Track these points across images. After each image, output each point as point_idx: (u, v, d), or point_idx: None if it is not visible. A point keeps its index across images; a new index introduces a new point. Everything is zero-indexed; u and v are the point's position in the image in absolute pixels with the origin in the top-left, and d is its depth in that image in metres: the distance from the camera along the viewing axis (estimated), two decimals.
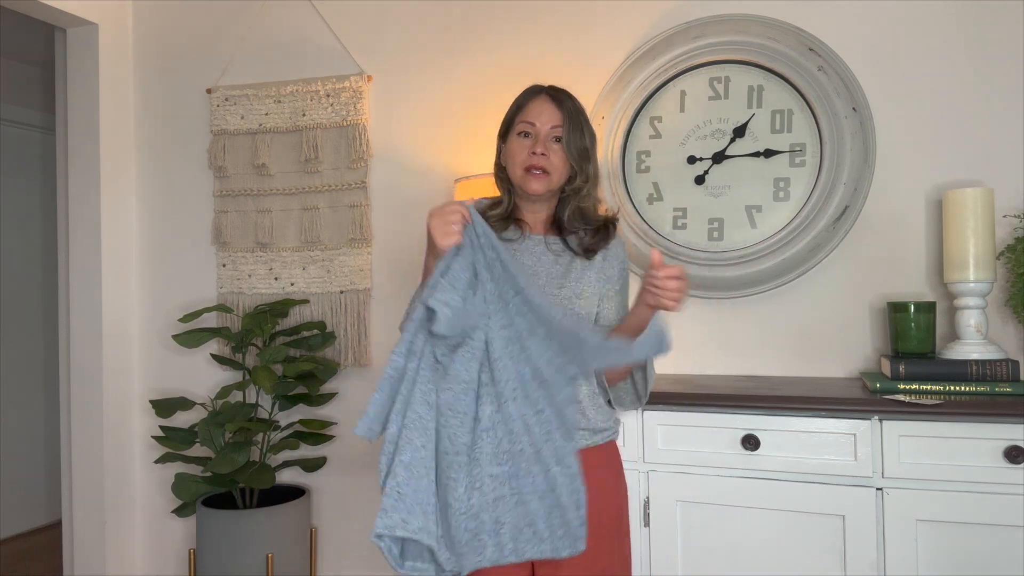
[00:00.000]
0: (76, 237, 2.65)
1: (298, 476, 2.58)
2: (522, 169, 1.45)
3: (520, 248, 1.49)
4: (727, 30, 2.08)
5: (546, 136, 1.45)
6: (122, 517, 2.67)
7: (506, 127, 1.52)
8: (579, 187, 1.48)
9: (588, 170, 1.48)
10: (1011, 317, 1.91)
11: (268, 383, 2.20)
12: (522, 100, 1.50)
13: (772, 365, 2.10)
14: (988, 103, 1.95)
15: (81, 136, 2.65)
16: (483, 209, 1.54)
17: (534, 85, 1.52)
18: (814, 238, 1.98)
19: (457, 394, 1.30)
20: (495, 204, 1.54)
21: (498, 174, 1.55)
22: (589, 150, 1.47)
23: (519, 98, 1.51)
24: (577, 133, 1.45)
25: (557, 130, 1.45)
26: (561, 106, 1.46)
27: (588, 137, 1.47)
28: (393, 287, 2.48)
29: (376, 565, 2.49)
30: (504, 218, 1.51)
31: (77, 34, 2.65)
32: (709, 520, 1.72)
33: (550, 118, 1.45)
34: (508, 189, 1.52)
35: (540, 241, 1.51)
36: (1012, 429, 1.52)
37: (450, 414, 1.30)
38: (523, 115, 1.48)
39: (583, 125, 1.47)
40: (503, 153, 1.53)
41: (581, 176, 1.47)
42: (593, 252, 1.49)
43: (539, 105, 1.47)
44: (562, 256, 1.49)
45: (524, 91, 1.52)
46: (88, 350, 2.62)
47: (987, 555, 1.53)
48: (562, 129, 1.44)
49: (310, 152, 2.51)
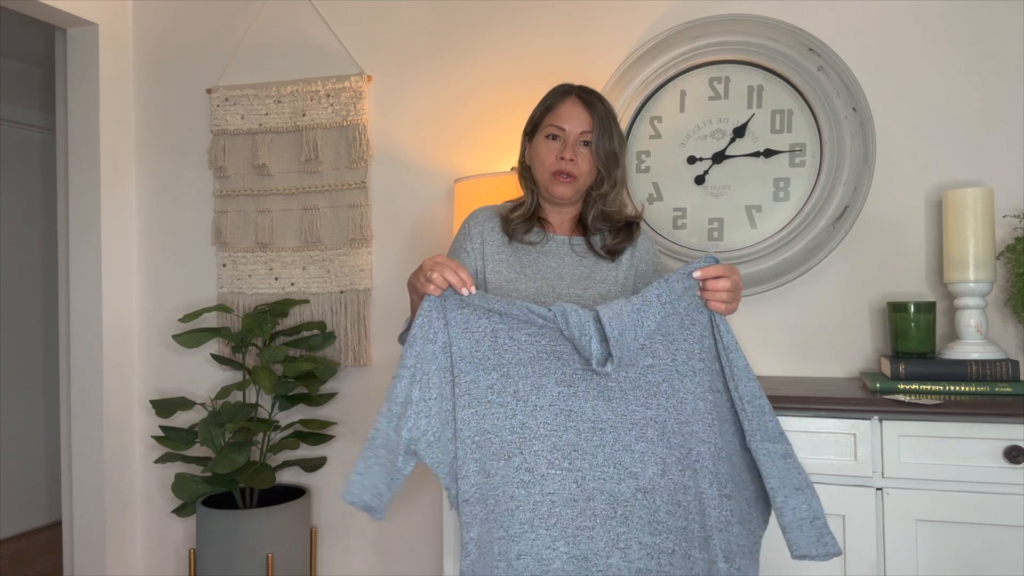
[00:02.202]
0: (76, 237, 2.65)
1: (298, 476, 2.58)
2: (549, 173, 1.44)
3: (544, 250, 1.47)
4: (727, 30, 2.08)
5: (575, 141, 1.43)
6: (122, 517, 2.67)
7: (533, 126, 1.49)
8: (606, 192, 1.46)
9: (616, 175, 1.46)
10: (1011, 317, 1.91)
11: (268, 383, 2.20)
12: (551, 101, 1.47)
13: (772, 365, 2.10)
14: (988, 103, 1.95)
15: (81, 136, 2.65)
16: (506, 212, 1.52)
17: (563, 85, 1.49)
18: (814, 238, 1.98)
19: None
20: (518, 205, 1.52)
21: (522, 173, 1.53)
22: (618, 154, 1.45)
23: (548, 98, 1.48)
24: (607, 137, 1.43)
25: (587, 135, 1.43)
26: (592, 109, 1.43)
27: (617, 141, 1.45)
28: (393, 287, 2.48)
29: (376, 565, 2.49)
30: (527, 219, 1.49)
31: (77, 34, 2.65)
32: None
33: (580, 123, 1.43)
34: (532, 189, 1.51)
35: (564, 242, 1.49)
36: (1012, 429, 1.52)
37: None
38: (552, 117, 1.45)
39: (612, 128, 1.44)
40: (528, 152, 1.51)
41: (608, 182, 1.45)
42: (616, 253, 1.47)
43: (569, 108, 1.44)
44: (586, 258, 1.47)
45: (553, 90, 1.49)
46: (88, 350, 2.62)
47: (987, 555, 1.53)
48: (592, 134, 1.42)
49: (310, 152, 2.51)
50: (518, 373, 1.23)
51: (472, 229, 1.53)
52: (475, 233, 1.52)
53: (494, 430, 1.23)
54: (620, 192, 1.50)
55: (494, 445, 1.23)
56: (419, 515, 2.44)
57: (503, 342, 1.23)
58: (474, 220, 1.54)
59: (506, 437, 1.23)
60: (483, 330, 1.24)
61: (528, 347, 1.23)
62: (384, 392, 2.47)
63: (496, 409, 1.24)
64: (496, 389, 1.23)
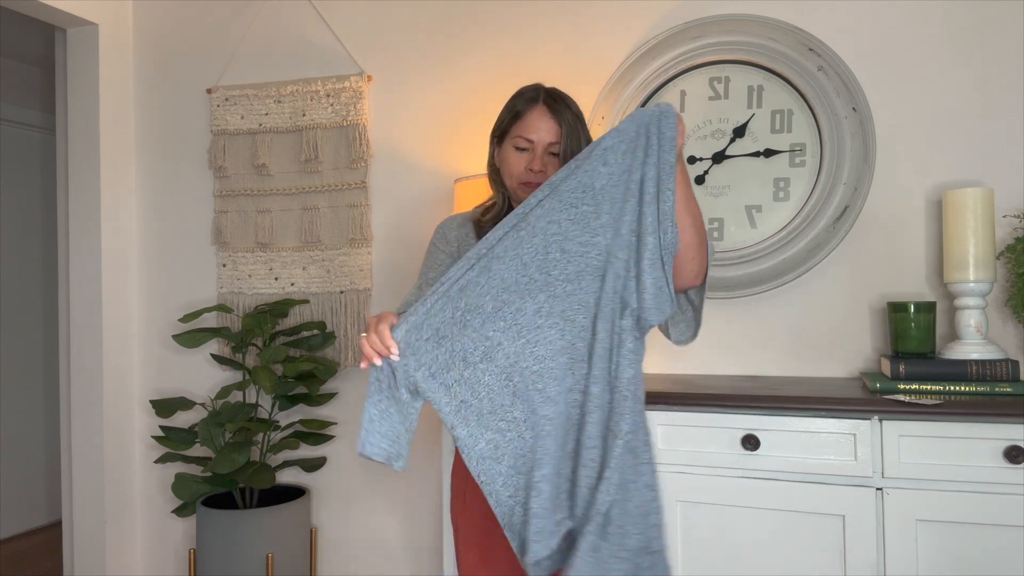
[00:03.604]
0: (76, 237, 2.65)
1: (298, 476, 2.58)
2: (518, 183, 1.44)
3: None
4: (727, 30, 2.08)
5: (543, 151, 1.43)
6: (122, 517, 2.67)
7: (501, 132, 1.48)
8: None
9: None
10: (1011, 317, 1.91)
11: (268, 383, 2.20)
12: (519, 108, 1.45)
13: (772, 365, 2.10)
14: (988, 103, 1.95)
15: (81, 136, 2.65)
16: (477, 216, 1.53)
17: (529, 89, 1.47)
18: (814, 238, 1.98)
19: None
20: (488, 208, 1.53)
21: (492, 175, 1.53)
22: None
23: (515, 104, 1.46)
24: (575, 144, 1.42)
25: (554, 147, 1.42)
26: (559, 117, 1.42)
27: (585, 145, 1.44)
28: (393, 287, 2.48)
29: (376, 565, 2.49)
30: (499, 219, 1.50)
31: (77, 34, 2.65)
32: (709, 520, 1.72)
33: (548, 133, 1.42)
34: (502, 191, 1.51)
35: None
36: (1012, 429, 1.52)
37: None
38: (520, 128, 1.44)
39: (581, 134, 1.44)
40: (497, 156, 1.51)
41: None
42: None
43: (536, 118, 1.43)
44: None
45: (519, 95, 1.47)
46: (88, 350, 2.62)
47: (987, 555, 1.53)
48: (559, 145, 1.42)
49: (310, 152, 2.51)
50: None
51: (448, 234, 1.54)
52: (451, 237, 1.53)
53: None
54: None
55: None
56: (419, 515, 2.44)
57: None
58: (448, 226, 1.56)
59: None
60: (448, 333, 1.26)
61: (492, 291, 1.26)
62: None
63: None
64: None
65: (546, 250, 1.26)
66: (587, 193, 1.26)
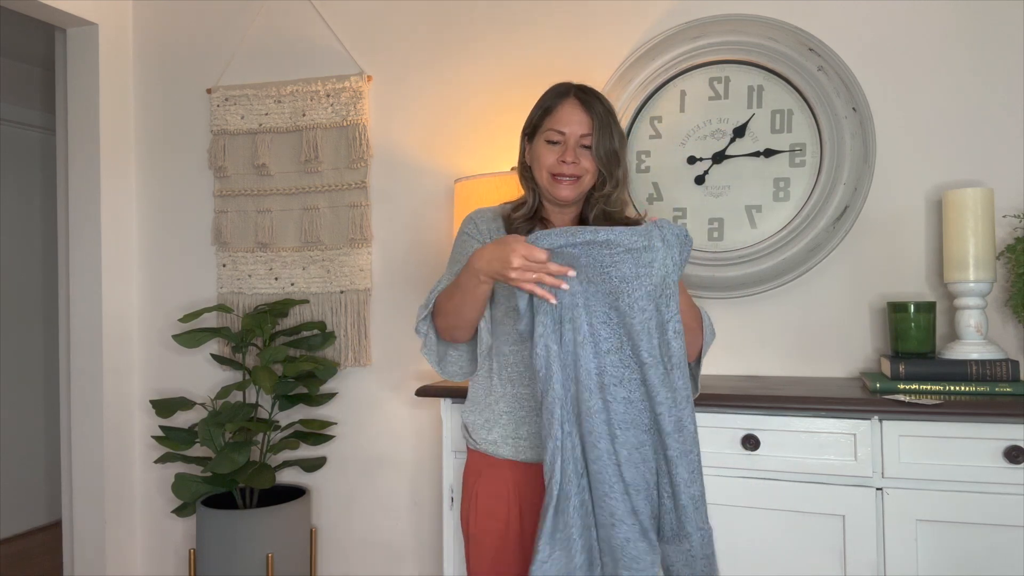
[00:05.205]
0: (76, 237, 2.65)
1: (298, 476, 2.58)
2: (551, 176, 1.44)
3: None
4: (727, 30, 2.08)
5: (575, 144, 1.43)
6: (122, 517, 2.67)
7: (532, 128, 1.49)
8: (608, 192, 1.47)
9: (617, 174, 1.46)
10: (1011, 317, 1.91)
11: (268, 383, 2.20)
12: (550, 103, 1.46)
13: (772, 365, 2.10)
14: (988, 103, 1.95)
15: (81, 136, 2.65)
16: (507, 212, 1.53)
17: (561, 85, 1.48)
18: (814, 238, 1.98)
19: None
20: (519, 205, 1.52)
21: (523, 173, 1.53)
22: (618, 153, 1.45)
23: (547, 99, 1.47)
24: (607, 137, 1.42)
25: (586, 138, 1.42)
26: (591, 110, 1.43)
27: (617, 139, 1.45)
28: (393, 287, 2.48)
29: (376, 565, 2.49)
30: (529, 218, 1.50)
31: (77, 34, 2.65)
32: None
33: (580, 125, 1.42)
34: (533, 189, 1.50)
35: None
36: (1012, 429, 1.52)
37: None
38: (551, 121, 1.44)
39: (612, 127, 1.44)
40: (528, 153, 1.50)
41: (611, 181, 1.45)
42: None
43: (568, 111, 1.43)
44: None
45: (551, 91, 1.48)
46: (88, 350, 2.62)
47: (987, 555, 1.53)
48: (591, 137, 1.42)
49: (310, 152, 2.51)
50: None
51: (480, 226, 1.53)
52: (484, 230, 1.52)
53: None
54: (622, 191, 1.50)
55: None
56: (419, 515, 2.44)
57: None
58: (480, 218, 1.54)
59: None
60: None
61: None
62: (385, 393, 2.48)
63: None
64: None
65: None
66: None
